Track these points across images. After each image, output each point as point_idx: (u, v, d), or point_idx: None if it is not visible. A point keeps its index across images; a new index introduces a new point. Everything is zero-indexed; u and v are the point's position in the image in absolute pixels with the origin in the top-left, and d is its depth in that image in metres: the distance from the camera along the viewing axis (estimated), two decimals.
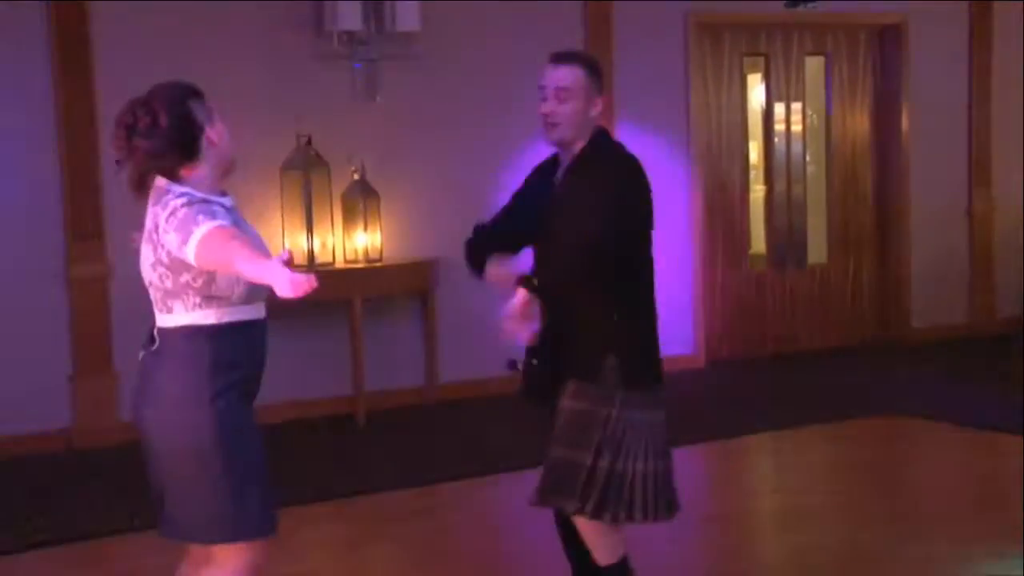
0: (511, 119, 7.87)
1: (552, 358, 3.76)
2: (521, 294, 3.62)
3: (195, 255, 2.93)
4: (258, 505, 3.12)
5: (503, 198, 8.92)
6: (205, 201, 3.05)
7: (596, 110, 3.71)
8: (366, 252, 7.41)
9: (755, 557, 4.82)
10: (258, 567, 3.19)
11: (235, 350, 3.11)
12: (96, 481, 6.16)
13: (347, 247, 7.44)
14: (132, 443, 7.14)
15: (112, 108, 7.25)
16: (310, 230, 7.29)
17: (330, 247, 7.37)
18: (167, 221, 3.02)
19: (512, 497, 5.71)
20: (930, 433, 6.80)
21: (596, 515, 3.64)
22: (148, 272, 3.12)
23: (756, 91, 9.42)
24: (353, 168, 7.34)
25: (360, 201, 7.38)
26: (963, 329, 9.64)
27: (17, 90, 6.74)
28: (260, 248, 3.03)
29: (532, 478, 6.02)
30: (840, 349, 9.34)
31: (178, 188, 3.09)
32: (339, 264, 7.37)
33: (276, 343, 3.37)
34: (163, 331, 3.13)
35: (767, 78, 9.25)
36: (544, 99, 3.69)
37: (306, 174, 7.23)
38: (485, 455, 6.40)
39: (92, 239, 6.87)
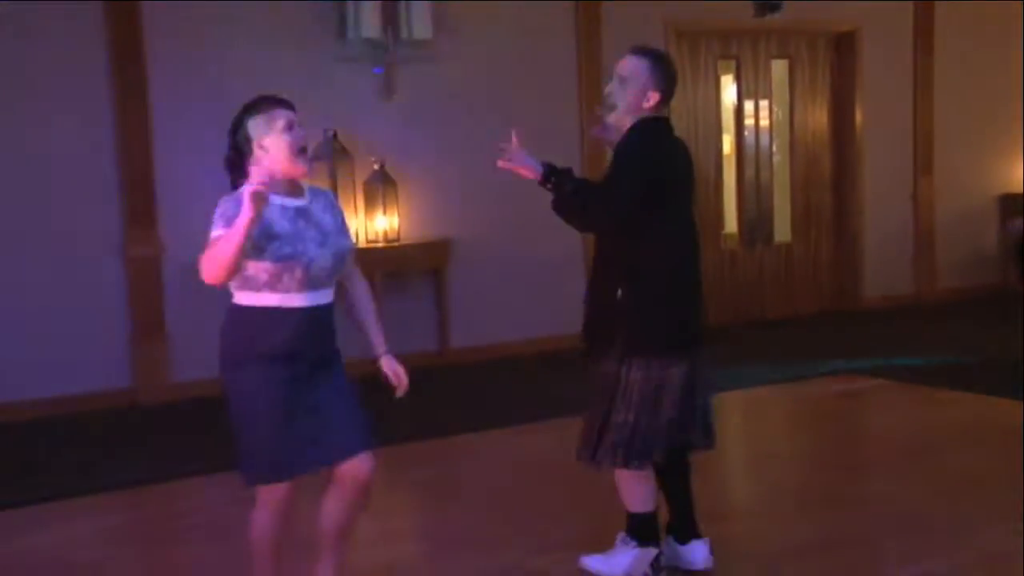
0: (514, 113, 7.89)
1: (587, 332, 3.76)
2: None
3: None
4: (261, 452, 3.20)
5: (509, 185, 8.90)
6: (239, 202, 3.07)
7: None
8: (385, 233, 7.43)
9: (724, 497, 4.86)
10: (278, 508, 3.28)
11: (263, 327, 3.17)
12: (154, 433, 6.21)
13: (368, 229, 7.45)
14: (185, 400, 7.23)
15: (162, 111, 7.28)
16: None
17: (353, 229, 7.38)
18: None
19: (516, 446, 5.77)
20: (880, 389, 6.82)
21: (596, 464, 3.66)
22: None
23: (729, 90, 9.40)
24: (374, 159, 7.36)
25: (380, 188, 7.39)
26: (909, 298, 9.67)
27: (78, 88, 6.73)
28: (290, 240, 3.16)
29: (534, 431, 6.10)
30: (803, 316, 9.36)
31: (244, 186, 3.18)
32: (361, 244, 7.38)
33: None
34: (228, 305, 3.27)
35: (738, 79, 9.23)
36: None
37: (332, 164, 7.24)
38: (492, 410, 6.44)
39: (146, 223, 6.90)
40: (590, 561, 3.86)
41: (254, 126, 3.22)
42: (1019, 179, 10.12)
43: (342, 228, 3.35)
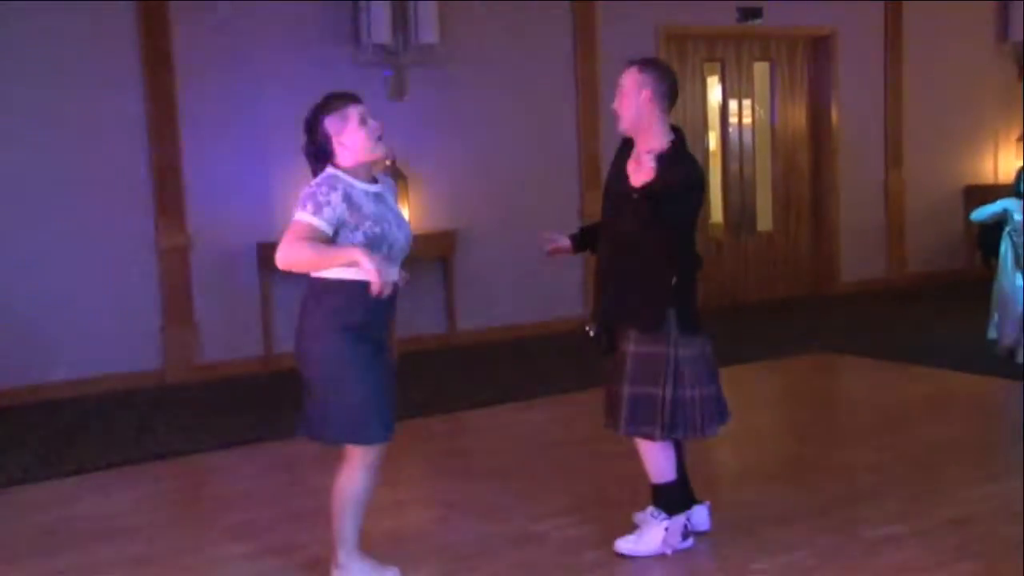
0: (515, 111, 7.89)
1: (613, 315, 3.70)
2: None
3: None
4: (370, 417, 3.24)
5: (511, 179, 8.86)
6: (332, 187, 3.17)
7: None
8: None
9: (714, 467, 4.88)
10: (375, 465, 3.33)
11: (349, 300, 3.18)
12: (183, 411, 6.21)
13: None
14: (211, 380, 7.24)
15: (189, 110, 7.24)
16: None
17: None
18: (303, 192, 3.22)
19: (518, 422, 5.78)
20: (855, 366, 6.84)
21: (671, 435, 3.61)
22: None
23: (714, 91, 9.39)
24: (385, 156, 7.35)
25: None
26: (881, 283, 9.68)
27: (111, 89, 6.70)
28: (374, 239, 3.21)
29: (535, 407, 6.11)
30: (783, 299, 9.37)
31: (328, 171, 3.27)
32: None
33: None
34: (308, 280, 3.28)
35: (723, 80, 9.22)
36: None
37: None
38: (496, 388, 6.45)
39: (175, 216, 6.90)
40: (623, 543, 3.75)
41: (331, 124, 3.27)
42: (983, 171, 10.13)
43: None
